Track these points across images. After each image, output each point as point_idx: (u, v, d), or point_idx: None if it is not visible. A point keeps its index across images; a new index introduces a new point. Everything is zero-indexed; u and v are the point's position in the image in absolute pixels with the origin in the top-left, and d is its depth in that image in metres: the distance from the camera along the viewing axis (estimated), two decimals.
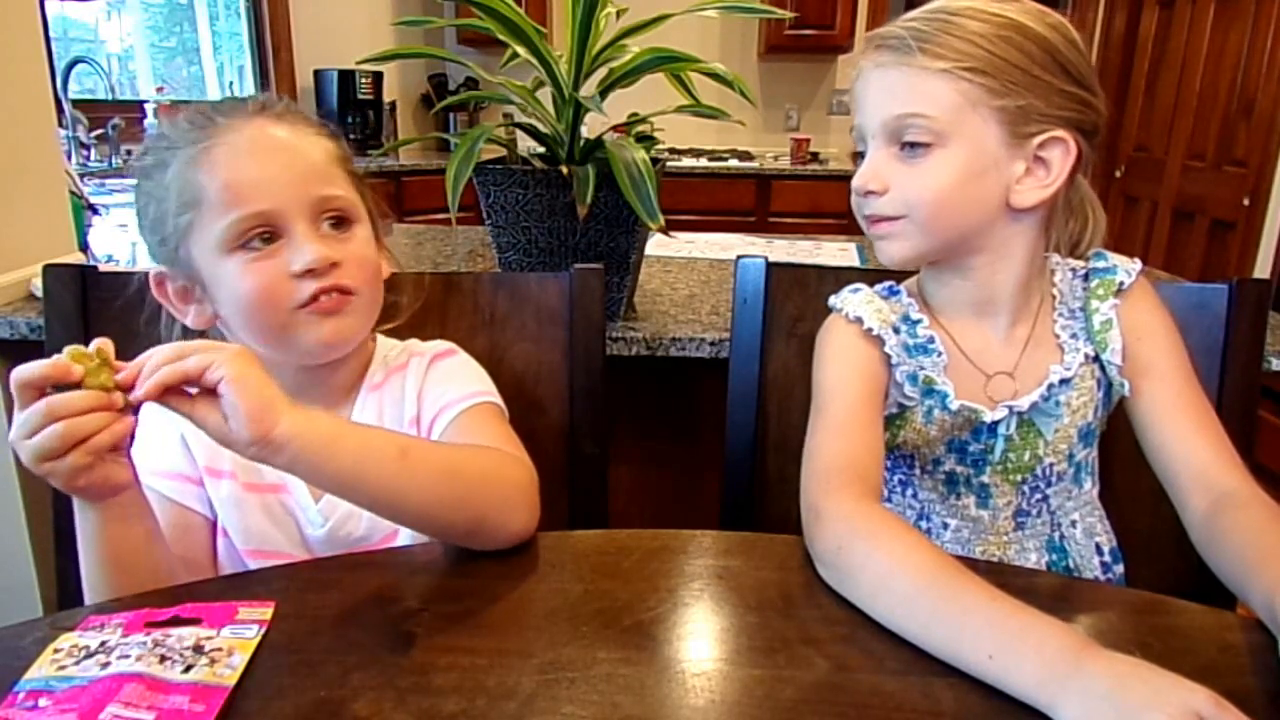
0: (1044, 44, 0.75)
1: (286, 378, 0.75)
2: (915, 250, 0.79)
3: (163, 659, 0.53)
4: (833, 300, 0.85)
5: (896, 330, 0.83)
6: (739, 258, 1.01)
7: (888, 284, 0.87)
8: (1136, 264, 0.84)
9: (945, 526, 0.86)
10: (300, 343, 0.73)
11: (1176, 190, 3.40)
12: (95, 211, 1.60)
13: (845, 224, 3.76)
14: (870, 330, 0.81)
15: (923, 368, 0.82)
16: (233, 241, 0.70)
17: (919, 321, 0.83)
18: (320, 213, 0.73)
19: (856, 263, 1.76)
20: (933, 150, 0.75)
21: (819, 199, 3.78)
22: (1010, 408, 0.80)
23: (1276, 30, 2.81)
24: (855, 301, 0.84)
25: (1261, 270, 2.85)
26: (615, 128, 1.27)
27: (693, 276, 1.54)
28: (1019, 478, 0.84)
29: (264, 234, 0.71)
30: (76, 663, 0.53)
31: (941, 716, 0.51)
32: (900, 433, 0.85)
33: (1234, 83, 3.02)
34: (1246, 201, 2.91)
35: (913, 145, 0.76)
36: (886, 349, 0.81)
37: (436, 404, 0.80)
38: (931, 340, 0.82)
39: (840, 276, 0.93)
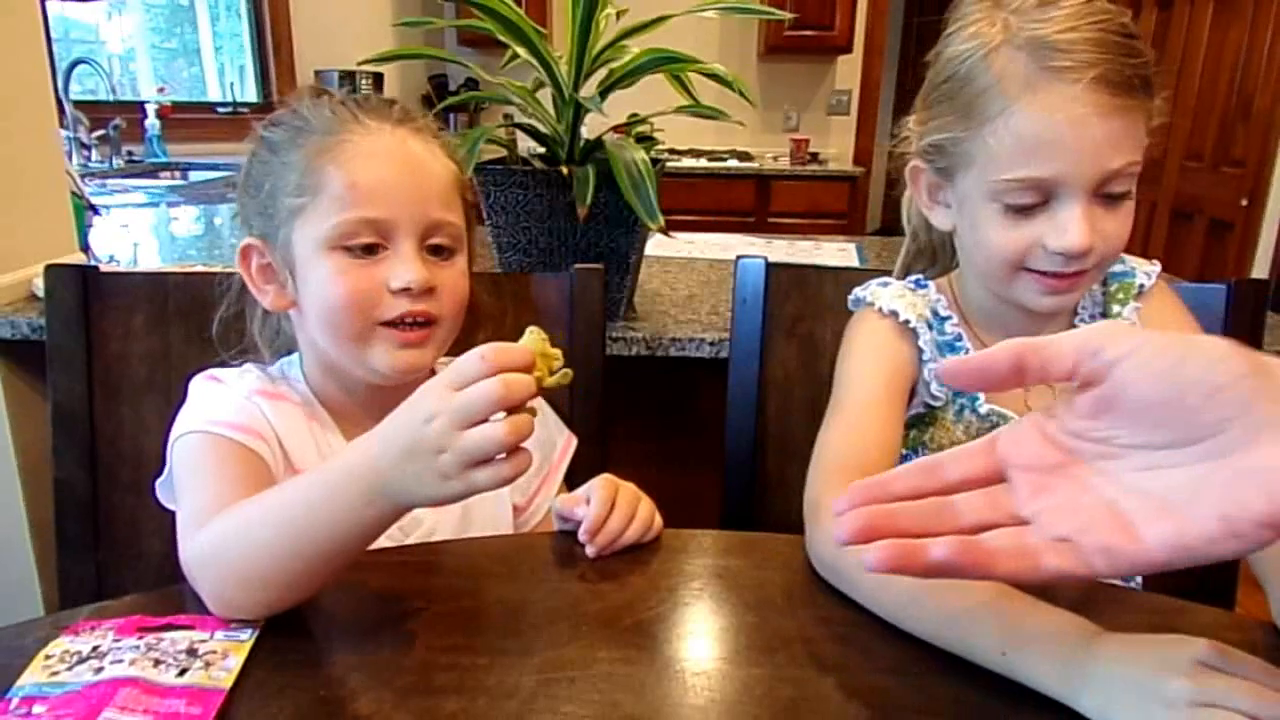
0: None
1: (359, 391, 0.77)
2: (1085, 293, 0.74)
3: (156, 663, 0.53)
4: (861, 293, 0.83)
5: (929, 325, 0.81)
6: (739, 258, 1.01)
7: (915, 277, 0.85)
8: (1155, 266, 0.83)
9: None
10: (371, 359, 0.73)
11: (1175, 190, 3.40)
12: (96, 212, 1.60)
13: (844, 224, 3.77)
14: (907, 323, 0.79)
15: None
16: (339, 240, 0.70)
17: (947, 318, 0.82)
18: (430, 235, 0.73)
19: (856, 263, 1.76)
20: (1128, 195, 0.70)
21: (818, 199, 3.79)
22: None
23: (1275, 30, 2.81)
24: (887, 295, 0.82)
25: (1259, 270, 2.85)
26: (615, 128, 1.27)
27: (693, 276, 1.54)
28: None
29: (370, 243, 0.70)
30: (69, 668, 0.52)
31: (940, 716, 0.51)
32: (929, 430, 0.83)
33: (1232, 83, 3.02)
34: (1245, 202, 2.92)
35: (1112, 195, 0.69)
36: (921, 343, 0.80)
37: None
38: (959, 339, 0.81)
39: (840, 277, 0.93)
